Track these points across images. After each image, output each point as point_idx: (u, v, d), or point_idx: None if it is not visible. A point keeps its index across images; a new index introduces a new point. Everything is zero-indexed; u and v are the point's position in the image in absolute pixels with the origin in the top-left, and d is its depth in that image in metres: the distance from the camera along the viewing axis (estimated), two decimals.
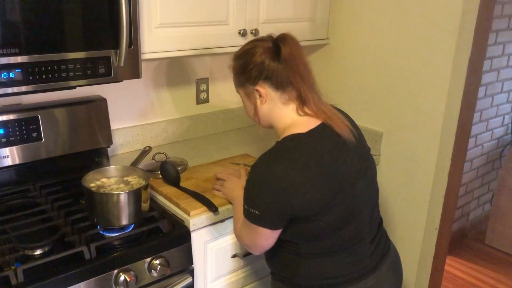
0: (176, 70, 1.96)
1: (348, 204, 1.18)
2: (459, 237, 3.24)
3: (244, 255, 1.52)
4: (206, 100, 2.09)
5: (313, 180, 1.13)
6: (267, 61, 1.19)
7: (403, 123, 1.84)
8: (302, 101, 1.23)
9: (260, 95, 1.23)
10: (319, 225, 1.16)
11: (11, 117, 1.46)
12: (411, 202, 1.88)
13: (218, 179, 1.54)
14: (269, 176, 1.13)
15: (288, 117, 1.24)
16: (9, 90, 1.20)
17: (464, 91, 1.70)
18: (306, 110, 1.23)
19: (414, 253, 1.92)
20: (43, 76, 1.24)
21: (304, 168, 1.13)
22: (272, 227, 1.17)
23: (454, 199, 1.94)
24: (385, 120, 1.90)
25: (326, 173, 1.15)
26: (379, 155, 1.94)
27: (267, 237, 1.20)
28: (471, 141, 3.00)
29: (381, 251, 1.31)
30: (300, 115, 1.23)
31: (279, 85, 1.21)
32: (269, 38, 1.25)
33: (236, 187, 1.42)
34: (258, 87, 1.22)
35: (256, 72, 1.21)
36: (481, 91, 2.90)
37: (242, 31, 1.67)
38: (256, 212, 1.15)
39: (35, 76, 1.22)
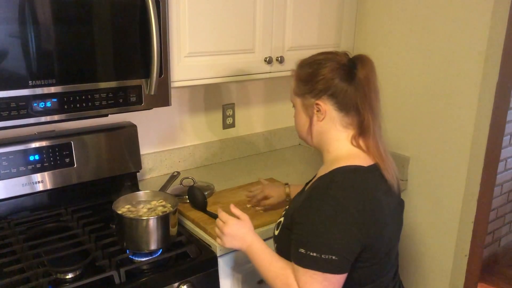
0: (203, 96, 2.00)
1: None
2: (491, 264, 3.14)
3: None
4: (232, 125, 2.13)
5: (379, 216, 1.10)
6: (338, 78, 1.11)
7: (431, 147, 1.82)
8: (361, 130, 1.15)
9: (318, 110, 1.15)
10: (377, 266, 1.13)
11: (45, 143, 1.52)
12: (439, 228, 1.85)
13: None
14: (342, 211, 1.04)
15: (343, 143, 1.16)
16: (47, 118, 1.25)
17: (493, 115, 1.68)
18: (361, 142, 1.15)
19: (443, 281, 1.87)
20: (77, 105, 1.29)
21: (373, 200, 1.09)
22: (348, 268, 1.05)
23: (484, 225, 1.90)
24: (412, 144, 1.89)
25: (384, 214, 1.11)
26: (406, 180, 1.92)
27: (340, 285, 1.06)
28: (501, 165, 2.94)
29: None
30: (353, 144, 1.15)
31: (344, 106, 1.13)
32: (344, 54, 1.16)
33: (245, 232, 1.21)
34: (319, 102, 1.14)
35: (323, 85, 1.12)
36: (510, 115, 2.85)
37: (267, 59, 1.70)
38: (333, 257, 1.02)
39: (70, 105, 1.28)
